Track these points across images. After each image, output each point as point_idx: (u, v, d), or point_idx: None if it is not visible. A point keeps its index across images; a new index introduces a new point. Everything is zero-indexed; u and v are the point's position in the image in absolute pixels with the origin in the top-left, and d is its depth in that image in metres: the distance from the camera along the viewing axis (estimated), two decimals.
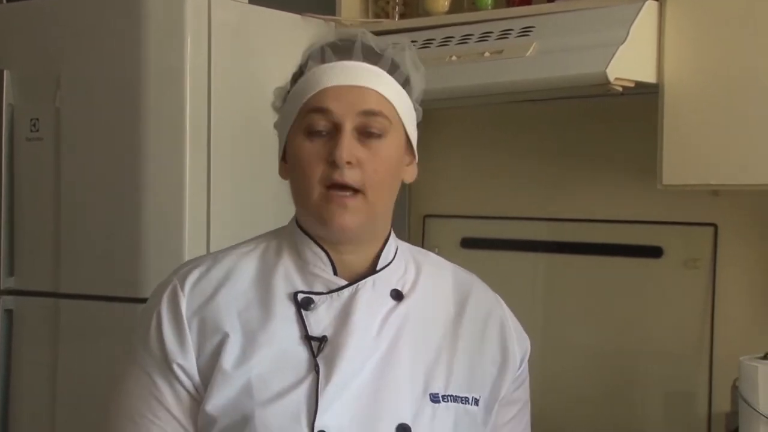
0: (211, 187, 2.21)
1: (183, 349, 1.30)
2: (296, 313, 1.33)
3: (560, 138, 2.47)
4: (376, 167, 1.30)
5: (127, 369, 1.34)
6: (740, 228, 2.22)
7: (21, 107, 2.40)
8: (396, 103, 1.33)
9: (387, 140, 1.32)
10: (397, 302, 1.36)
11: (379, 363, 1.31)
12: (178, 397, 1.31)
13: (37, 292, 2.39)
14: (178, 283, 1.34)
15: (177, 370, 1.30)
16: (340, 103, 1.30)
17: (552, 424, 2.30)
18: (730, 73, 1.95)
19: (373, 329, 1.33)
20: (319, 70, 1.32)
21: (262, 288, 1.35)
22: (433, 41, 2.28)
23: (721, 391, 2.18)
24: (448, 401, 1.33)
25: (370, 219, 1.33)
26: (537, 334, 2.39)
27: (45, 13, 2.39)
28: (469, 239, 2.58)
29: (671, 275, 2.30)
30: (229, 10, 2.24)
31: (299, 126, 1.32)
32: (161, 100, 2.20)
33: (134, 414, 1.32)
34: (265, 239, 1.42)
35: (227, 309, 1.32)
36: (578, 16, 2.11)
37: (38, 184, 2.38)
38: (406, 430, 1.29)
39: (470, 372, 1.37)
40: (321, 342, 1.30)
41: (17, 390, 2.44)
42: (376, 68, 1.33)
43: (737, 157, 1.94)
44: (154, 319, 1.33)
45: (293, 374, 1.28)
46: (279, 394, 1.27)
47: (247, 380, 1.28)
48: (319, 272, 1.35)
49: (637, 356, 2.33)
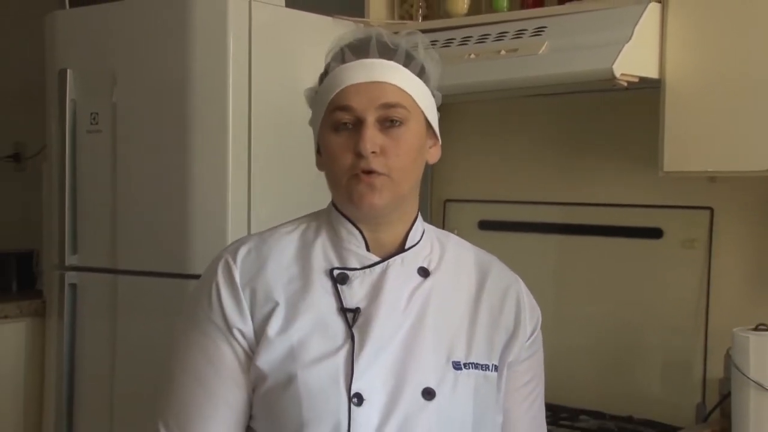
0: (252, 174, 2.23)
1: (242, 315, 1.32)
2: (333, 287, 1.33)
3: (569, 129, 2.47)
4: (398, 153, 1.31)
5: (190, 337, 1.35)
6: (735, 211, 2.21)
7: (82, 102, 2.43)
8: (413, 92, 1.33)
9: (407, 128, 1.32)
10: (424, 278, 1.37)
11: (407, 333, 1.32)
12: (238, 357, 1.32)
13: (97, 268, 2.42)
14: (230, 258, 1.36)
15: (237, 334, 1.31)
16: (361, 98, 1.30)
17: (562, 389, 2.29)
18: (726, 69, 1.94)
19: (402, 303, 1.33)
20: (340, 69, 1.32)
21: (302, 264, 1.36)
22: (454, 41, 2.27)
23: (715, 360, 2.18)
24: (470, 368, 1.34)
25: (396, 198, 1.33)
26: (548, 308, 2.39)
27: (103, 18, 2.42)
28: (486, 222, 2.57)
29: (670, 255, 2.29)
30: (267, 12, 2.25)
31: (327, 122, 1.33)
32: (206, 95, 2.21)
33: (200, 374, 1.33)
34: (305, 220, 1.42)
35: (274, 281, 1.33)
36: (587, 16, 2.10)
37: (97, 172, 2.41)
38: (431, 393, 1.29)
39: (489, 342, 1.37)
40: (355, 313, 1.31)
41: (81, 354, 2.47)
42: (392, 63, 1.33)
43: (732, 146, 1.94)
44: (213, 290, 1.34)
45: (331, 342, 1.29)
46: (319, 358, 1.28)
47: (290, 345, 1.29)
48: (353, 249, 1.35)
49: (639, 328, 2.33)
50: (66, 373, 2.47)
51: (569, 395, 2.34)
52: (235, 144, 2.20)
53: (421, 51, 1.37)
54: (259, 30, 2.23)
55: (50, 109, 2.52)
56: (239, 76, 2.20)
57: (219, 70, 2.19)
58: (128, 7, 2.36)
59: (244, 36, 2.21)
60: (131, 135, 2.34)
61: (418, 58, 1.35)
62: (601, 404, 2.32)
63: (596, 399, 2.34)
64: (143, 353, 2.25)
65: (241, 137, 2.21)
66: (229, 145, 2.19)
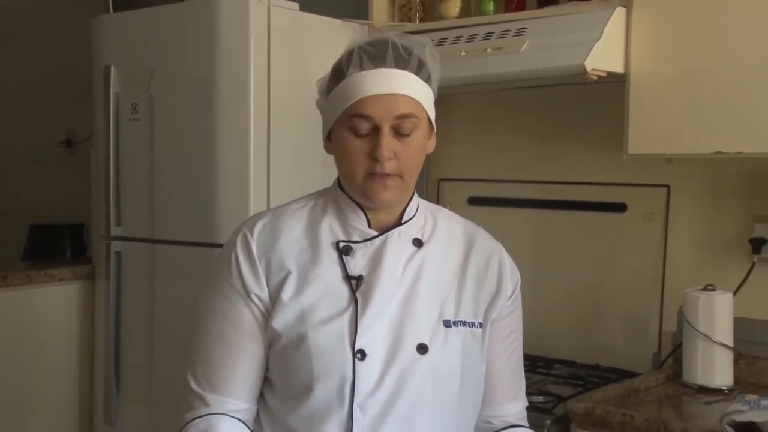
0: (270, 156, 2.23)
1: (258, 282, 1.31)
2: (338, 257, 1.33)
3: (547, 117, 2.47)
4: (408, 155, 1.29)
5: (213, 300, 1.34)
6: (688, 188, 2.23)
7: (124, 95, 2.44)
8: (422, 99, 1.30)
9: (416, 134, 1.30)
10: (418, 248, 1.36)
11: (404, 296, 1.32)
12: (255, 317, 1.32)
13: (137, 238, 2.44)
14: (248, 232, 1.35)
15: (254, 298, 1.31)
16: (378, 108, 1.26)
17: (539, 341, 2.31)
18: (682, 65, 1.95)
19: (399, 270, 1.32)
20: (359, 77, 1.27)
21: (312, 237, 1.34)
22: (447, 40, 2.27)
23: (670, 316, 2.22)
24: (458, 326, 1.33)
25: (403, 193, 1.33)
26: (528, 272, 2.40)
27: (142, 22, 2.43)
28: (475, 198, 2.58)
29: (633, 226, 2.30)
30: (284, 16, 2.25)
31: (344, 124, 1.29)
32: (231, 88, 2.22)
33: (222, 333, 1.32)
34: (313, 197, 1.41)
35: (287, 253, 1.33)
36: (562, 19, 2.11)
37: (137, 155, 2.43)
38: (425, 348, 1.29)
39: (475, 302, 1.37)
40: (358, 280, 1.30)
41: (125, 311, 2.49)
42: (406, 72, 1.28)
43: (686, 132, 1.94)
44: (233, 260, 1.33)
45: (337, 305, 1.29)
46: (326, 320, 1.28)
47: (301, 309, 1.29)
48: (356, 225, 1.34)
49: (605, 289, 2.34)
50: (112, 327, 2.49)
51: (545, 347, 2.36)
52: (256, 130, 2.21)
53: (428, 56, 1.32)
54: (276, 31, 2.23)
55: (97, 101, 2.52)
56: (259, 72, 2.21)
57: (242, 66, 2.20)
58: (164, 12, 2.37)
59: (264, 37, 2.21)
60: (166, 123, 2.36)
61: (427, 65, 1.32)
62: (573, 354, 2.35)
63: (568, 350, 2.36)
64: (177, 310, 2.27)
65: (261, 124, 2.22)
66: (250, 131, 2.20)
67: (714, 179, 2.19)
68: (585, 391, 2.00)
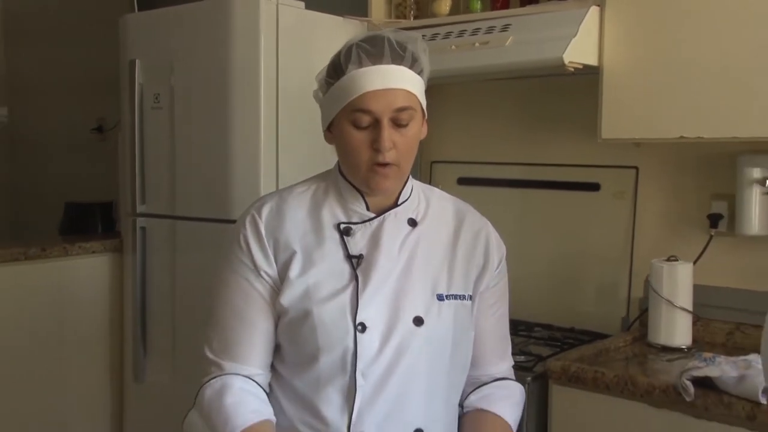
0: (279, 142, 2.23)
1: (267, 260, 1.31)
2: (340, 238, 1.31)
3: (529, 105, 2.46)
4: (406, 144, 1.28)
5: (228, 275, 1.34)
6: (654, 169, 2.23)
7: (147, 86, 2.44)
8: (417, 92, 1.29)
9: (413, 123, 1.28)
10: (413, 228, 1.35)
11: (400, 273, 1.31)
12: (265, 292, 1.31)
13: (160, 214, 2.45)
14: (257, 214, 1.34)
15: (264, 275, 1.31)
16: (378, 103, 1.24)
17: (521, 307, 2.29)
18: (649, 59, 1.95)
19: (395, 249, 1.31)
20: (359, 73, 1.25)
21: (315, 220, 1.33)
22: (438, 35, 2.26)
23: (637, 284, 2.23)
24: (450, 299, 1.33)
25: (401, 179, 1.33)
26: (512, 244, 2.39)
27: (163, 20, 2.42)
28: (464, 178, 2.57)
29: (605, 203, 2.30)
30: (291, 14, 2.25)
31: (346, 117, 1.27)
32: (243, 80, 2.22)
33: (235, 306, 1.32)
34: (315, 181, 1.39)
35: (293, 234, 1.32)
36: (543, 17, 2.10)
37: (159, 140, 2.43)
38: (420, 320, 1.29)
39: (465, 277, 1.36)
40: (359, 259, 1.30)
41: (150, 280, 2.50)
42: (402, 68, 1.26)
43: (653, 119, 1.94)
44: (242, 240, 1.32)
45: (339, 282, 1.28)
46: (330, 296, 1.27)
47: (306, 286, 1.28)
48: (356, 208, 1.33)
49: (580, 259, 2.34)
50: (139, 294, 2.50)
51: (526, 312, 2.36)
52: (266, 117, 2.21)
53: (420, 50, 1.30)
54: (284, 27, 2.23)
55: (123, 92, 2.52)
56: (269, 64, 2.20)
57: (253, 59, 2.19)
58: (183, 11, 2.36)
59: (272, 32, 2.21)
60: (185, 111, 2.36)
61: (420, 60, 1.29)
62: (551, 318, 2.36)
63: (546, 314, 2.36)
64: (196, 278, 2.29)
65: (270, 111, 2.21)
66: (261, 117, 2.20)
67: (677, 161, 2.19)
68: (561, 351, 2.02)
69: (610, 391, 1.76)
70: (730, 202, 2.07)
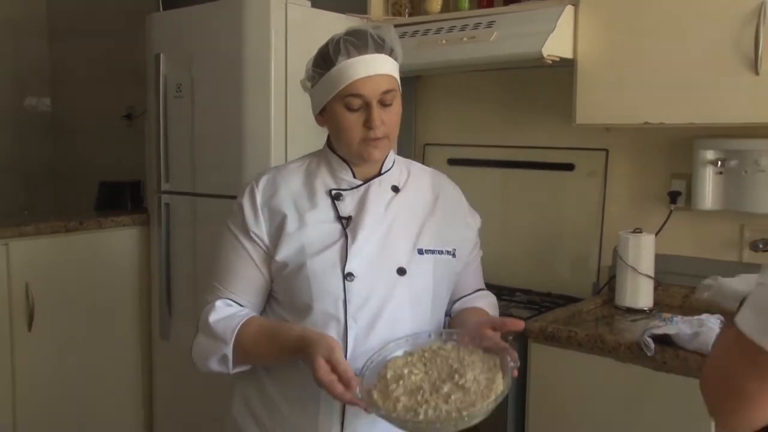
0: (288, 127, 2.23)
1: (257, 223, 1.32)
2: (331, 202, 1.33)
3: (511, 94, 2.45)
4: (391, 120, 1.30)
5: (227, 235, 1.36)
6: (623, 151, 2.22)
7: (170, 77, 2.43)
8: (396, 74, 1.32)
9: (395, 102, 1.31)
10: (396, 193, 1.36)
11: (385, 232, 1.32)
12: (257, 252, 1.32)
13: (182, 192, 2.45)
14: (255, 185, 1.36)
15: (253, 236, 1.32)
16: (368, 87, 1.27)
17: (504, 274, 2.37)
18: (618, 52, 1.94)
19: (380, 210, 1.33)
20: (349, 63, 1.27)
21: (308, 187, 1.35)
22: (430, 30, 2.25)
23: (606, 253, 2.23)
24: (429, 253, 1.34)
25: (388, 149, 1.34)
26: (496, 218, 2.44)
27: (184, 18, 2.41)
28: (453, 159, 2.56)
29: (579, 182, 2.30)
30: (298, 12, 2.23)
31: (339, 102, 1.28)
32: (255, 71, 2.21)
33: (230, 263, 1.34)
34: (308, 158, 1.41)
35: (286, 200, 1.33)
36: (524, 14, 2.09)
37: (181, 126, 2.42)
38: (403, 271, 1.30)
39: (441, 236, 1.36)
40: (348, 220, 1.31)
41: (173, 251, 2.51)
42: (384, 56, 1.29)
43: (621, 107, 1.94)
44: (239, 205, 1.35)
45: (331, 239, 1.30)
46: (322, 250, 1.29)
47: (301, 242, 1.29)
48: (344, 176, 1.35)
49: (557, 232, 2.34)
50: (164, 262, 2.51)
51: (508, 279, 2.38)
52: (276, 105, 2.20)
53: (395, 40, 1.32)
54: (292, 24, 2.21)
55: (149, 83, 2.51)
56: (278, 57, 2.19)
57: (264, 52, 2.18)
58: (202, 11, 2.35)
59: (282, 28, 2.20)
60: (204, 99, 2.35)
61: (396, 49, 1.32)
62: (530, 284, 2.36)
63: (527, 281, 2.37)
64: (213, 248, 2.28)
65: (280, 100, 2.21)
66: (271, 106, 2.20)
67: (642, 144, 2.19)
68: (539, 314, 2.02)
69: (581, 348, 1.77)
70: (688, 181, 2.07)
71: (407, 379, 1.18)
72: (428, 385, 1.17)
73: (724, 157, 1.96)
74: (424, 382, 1.17)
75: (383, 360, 1.23)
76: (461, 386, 1.15)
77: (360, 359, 1.23)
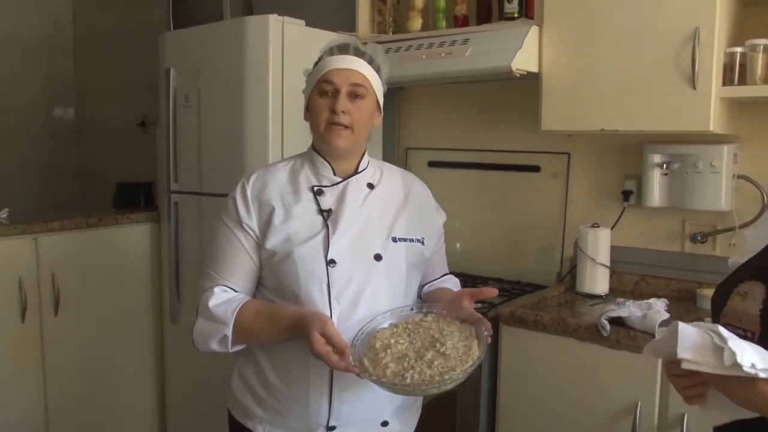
0: (284, 134, 2.21)
1: (249, 215, 1.32)
2: (313, 197, 1.33)
3: (484, 103, 2.45)
4: (359, 114, 1.30)
5: (221, 226, 1.35)
6: (582, 155, 2.23)
7: (179, 88, 2.42)
8: (371, 80, 1.32)
9: (364, 100, 1.31)
10: (371, 190, 1.36)
11: (362, 223, 1.32)
12: (249, 241, 1.32)
13: (189, 191, 2.43)
14: (246, 181, 1.35)
15: (245, 227, 1.32)
16: (340, 77, 1.29)
17: (478, 265, 2.38)
18: (576, 67, 1.94)
19: (358, 204, 1.33)
20: (329, 59, 1.32)
21: (293, 184, 1.35)
22: (412, 46, 2.24)
23: (569, 245, 2.24)
24: (401, 241, 1.34)
25: (353, 143, 1.33)
26: (470, 215, 2.44)
27: (193, 37, 2.39)
28: (433, 162, 2.56)
29: (544, 183, 2.31)
30: (294, 30, 2.21)
31: (316, 90, 1.32)
32: (255, 84, 2.19)
33: (225, 253, 1.33)
34: (294, 158, 1.41)
35: (274, 195, 1.33)
36: (495, 33, 2.09)
37: (189, 132, 2.40)
38: (379, 257, 1.30)
39: (411, 227, 1.36)
40: (329, 213, 1.31)
41: (182, 245, 2.49)
42: (361, 60, 1.32)
43: (581, 115, 1.94)
44: (232, 200, 1.34)
45: (314, 230, 1.29)
46: (306, 239, 1.28)
47: (288, 233, 1.29)
48: (325, 174, 1.35)
49: (525, 227, 2.35)
50: (173, 255, 2.50)
51: (481, 268, 2.38)
52: (273, 114, 2.18)
53: (379, 57, 1.35)
54: (288, 41, 2.20)
55: (161, 94, 2.50)
56: (276, 71, 2.18)
57: (263, 67, 2.17)
58: (208, 30, 2.34)
59: (279, 45, 2.18)
60: (209, 109, 2.34)
61: (377, 61, 1.34)
62: (501, 273, 2.36)
63: (498, 271, 2.37)
64: None
65: (277, 109, 2.19)
66: (269, 114, 2.18)
67: (599, 149, 2.20)
68: (510, 300, 2.03)
69: (547, 329, 1.78)
70: (638, 181, 2.08)
71: (394, 347, 1.20)
72: (413, 352, 1.19)
73: (669, 161, 1.97)
74: (409, 350, 1.19)
75: (372, 331, 1.24)
76: (442, 353, 1.17)
77: (345, 335, 1.22)
